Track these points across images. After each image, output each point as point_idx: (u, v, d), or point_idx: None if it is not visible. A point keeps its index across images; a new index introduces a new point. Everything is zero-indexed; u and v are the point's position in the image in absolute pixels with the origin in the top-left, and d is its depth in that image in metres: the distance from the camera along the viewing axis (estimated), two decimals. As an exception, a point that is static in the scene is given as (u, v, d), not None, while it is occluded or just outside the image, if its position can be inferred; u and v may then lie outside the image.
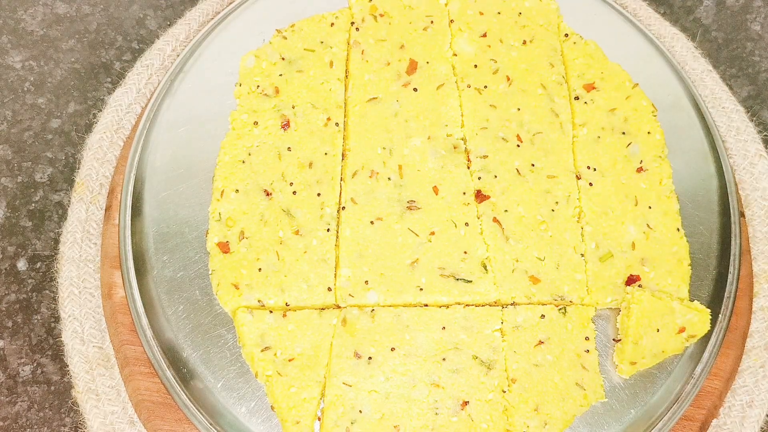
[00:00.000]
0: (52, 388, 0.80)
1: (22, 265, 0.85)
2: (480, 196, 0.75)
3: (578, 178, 0.76)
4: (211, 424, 0.69)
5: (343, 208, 0.74)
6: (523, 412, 0.68)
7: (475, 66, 0.81)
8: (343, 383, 0.68)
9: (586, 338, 0.70)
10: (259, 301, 0.71)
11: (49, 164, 0.90)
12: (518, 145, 0.77)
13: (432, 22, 0.83)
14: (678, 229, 0.74)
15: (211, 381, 0.69)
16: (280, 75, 0.80)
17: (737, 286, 0.76)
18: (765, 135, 0.88)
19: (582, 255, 0.73)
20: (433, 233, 0.73)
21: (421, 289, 0.71)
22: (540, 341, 0.70)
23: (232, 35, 0.83)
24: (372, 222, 0.73)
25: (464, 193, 0.75)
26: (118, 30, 0.98)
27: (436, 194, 0.74)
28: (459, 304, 0.71)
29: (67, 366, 0.77)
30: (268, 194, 0.75)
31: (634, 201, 0.75)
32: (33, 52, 0.96)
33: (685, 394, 0.71)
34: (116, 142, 0.85)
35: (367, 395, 0.68)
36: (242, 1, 0.85)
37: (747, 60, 0.98)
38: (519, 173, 0.76)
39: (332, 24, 0.83)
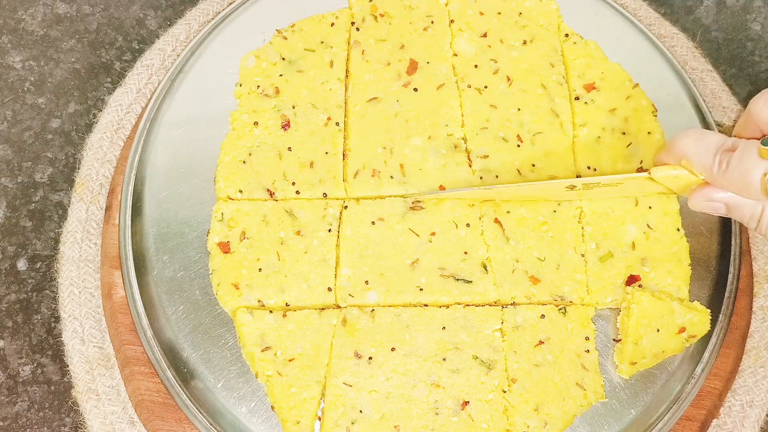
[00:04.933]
0: (52, 388, 0.80)
1: (22, 265, 0.85)
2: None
3: (578, 177, 0.76)
4: (211, 424, 0.69)
5: (346, 207, 0.74)
6: (523, 412, 0.68)
7: (476, 66, 0.81)
8: (344, 383, 0.68)
9: (586, 338, 0.70)
10: (259, 301, 0.71)
11: (49, 164, 0.90)
12: (518, 145, 0.77)
13: (432, 22, 0.83)
14: (678, 229, 0.74)
15: (211, 381, 0.69)
16: (281, 75, 0.80)
17: (737, 286, 0.76)
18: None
19: (582, 255, 0.73)
20: (433, 233, 0.73)
21: (421, 290, 0.71)
22: (540, 341, 0.70)
23: (232, 35, 0.83)
24: (373, 222, 0.73)
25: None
26: (118, 30, 0.98)
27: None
28: (459, 304, 0.71)
29: (67, 366, 0.77)
30: (271, 194, 0.75)
31: (635, 201, 0.75)
32: (33, 52, 0.96)
33: (685, 394, 0.71)
34: (116, 142, 0.86)
35: (368, 395, 0.68)
36: (242, 1, 0.85)
37: (747, 60, 0.98)
38: (520, 173, 0.76)
39: (332, 24, 0.83)
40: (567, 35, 0.83)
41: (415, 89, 0.79)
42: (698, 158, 0.63)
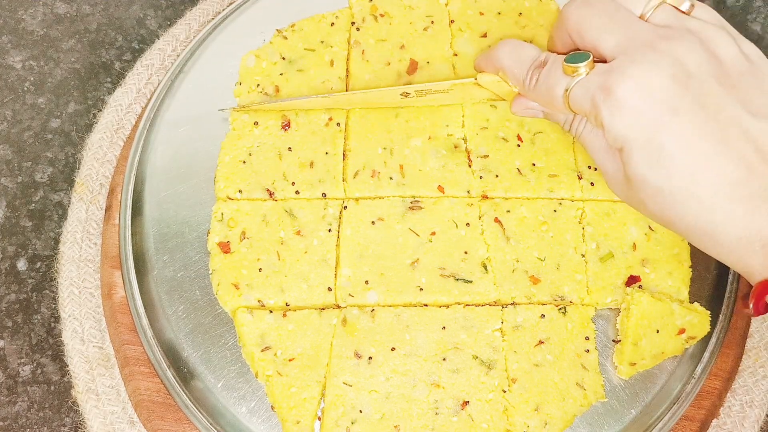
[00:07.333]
0: (52, 388, 0.80)
1: (22, 265, 0.85)
2: (483, 196, 0.75)
3: (579, 178, 0.76)
4: (211, 424, 0.69)
5: (345, 207, 0.74)
6: (523, 412, 0.68)
7: (476, 66, 0.81)
8: (344, 383, 0.68)
9: (586, 338, 0.70)
10: (259, 301, 0.71)
11: (49, 164, 0.90)
12: (518, 145, 0.77)
13: (432, 22, 0.83)
14: (680, 231, 0.74)
15: (211, 381, 0.69)
16: (281, 74, 0.80)
17: (737, 286, 0.76)
18: (765, 135, 0.88)
19: (582, 255, 0.73)
20: (433, 233, 0.73)
21: (421, 289, 0.71)
22: (540, 341, 0.70)
23: (232, 35, 0.83)
24: (373, 222, 0.73)
25: (468, 192, 0.75)
26: (118, 30, 0.98)
27: (443, 193, 0.74)
28: (459, 304, 0.71)
29: (67, 366, 0.77)
30: (270, 194, 0.75)
31: (637, 202, 0.75)
32: (33, 52, 0.96)
33: (685, 394, 0.71)
34: (116, 142, 0.86)
35: (368, 395, 0.68)
36: (242, 1, 0.86)
37: (747, 60, 0.98)
38: (520, 173, 0.76)
39: (332, 24, 0.83)
40: (567, 35, 0.83)
41: (415, 89, 0.79)
42: (512, 71, 0.66)
